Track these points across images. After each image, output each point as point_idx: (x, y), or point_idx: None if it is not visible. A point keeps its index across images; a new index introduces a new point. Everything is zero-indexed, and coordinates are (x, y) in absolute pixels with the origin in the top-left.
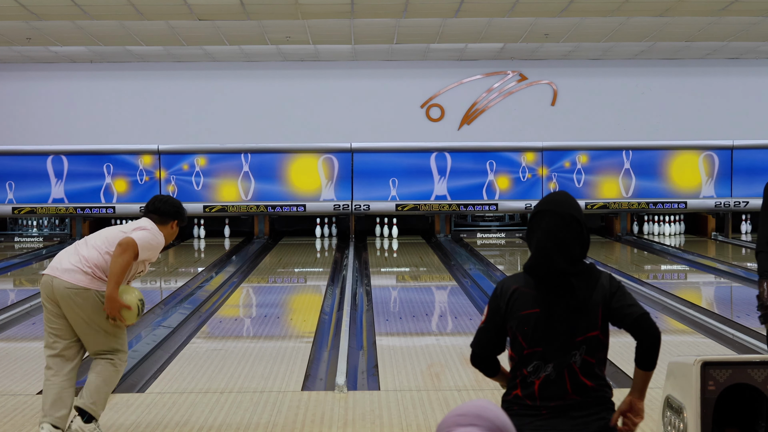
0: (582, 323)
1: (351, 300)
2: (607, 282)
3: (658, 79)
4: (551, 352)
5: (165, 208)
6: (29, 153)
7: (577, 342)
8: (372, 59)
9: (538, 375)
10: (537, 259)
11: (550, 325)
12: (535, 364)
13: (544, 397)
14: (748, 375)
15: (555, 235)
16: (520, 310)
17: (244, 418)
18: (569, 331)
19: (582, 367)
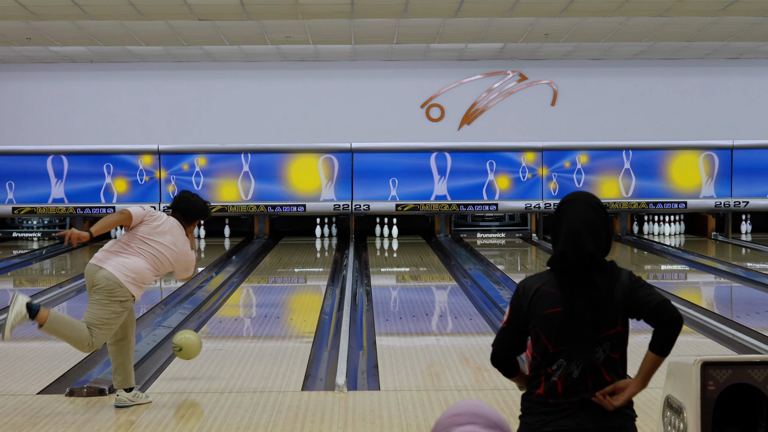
0: (605, 320)
1: (351, 300)
2: (626, 278)
3: (658, 79)
4: (576, 351)
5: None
6: (29, 153)
7: (600, 338)
8: (372, 59)
9: (560, 374)
10: (568, 241)
11: (574, 323)
12: (560, 362)
13: (567, 395)
14: (748, 375)
15: (585, 217)
16: (543, 309)
17: (244, 418)
18: (592, 329)
19: (605, 364)
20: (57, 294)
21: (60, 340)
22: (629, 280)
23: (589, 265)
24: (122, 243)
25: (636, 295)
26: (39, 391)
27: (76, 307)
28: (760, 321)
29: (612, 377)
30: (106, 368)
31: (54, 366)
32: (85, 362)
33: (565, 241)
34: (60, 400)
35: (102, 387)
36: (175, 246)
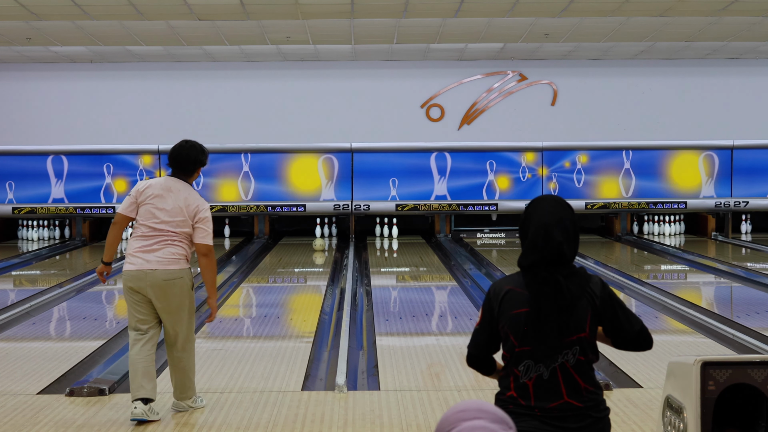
0: (571, 323)
1: (351, 300)
2: (598, 287)
3: (658, 79)
4: (540, 352)
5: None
6: (29, 153)
7: (567, 342)
8: (372, 59)
9: (529, 375)
10: (537, 233)
11: (540, 324)
12: (526, 363)
13: (539, 397)
14: (748, 375)
15: (553, 212)
16: (511, 309)
17: (244, 418)
18: (558, 331)
19: (576, 367)
20: (57, 294)
21: (60, 340)
22: (601, 290)
23: (558, 259)
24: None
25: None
26: (39, 391)
27: (76, 307)
28: (760, 321)
29: (585, 381)
30: (106, 368)
31: (54, 366)
32: (85, 362)
33: (535, 233)
34: (60, 400)
35: (102, 387)
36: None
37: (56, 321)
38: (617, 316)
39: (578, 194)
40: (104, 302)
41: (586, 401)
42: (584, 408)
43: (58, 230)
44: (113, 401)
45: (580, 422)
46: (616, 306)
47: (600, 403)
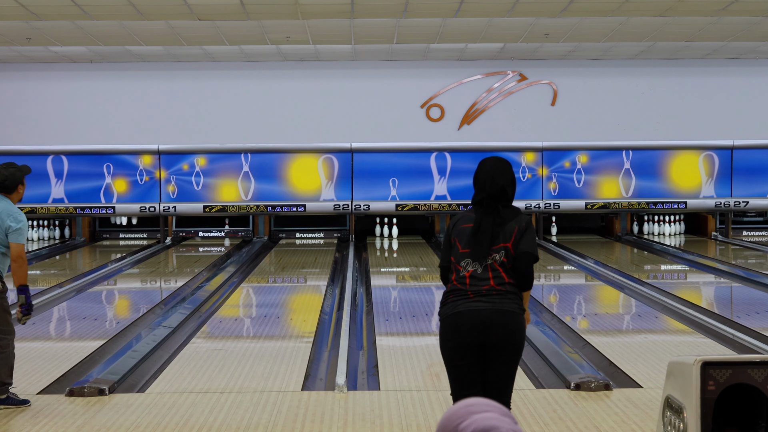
0: (500, 236)
1: (351, 300)
2: (525, 221)
3: (658, 79)
4: (477, 253)
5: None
6: (29, 153)
7: (495, 248)
8: (372, 59)
9: (467, 269)
10: (486, 178)
11: (478, 235)
12: (466, 260)
13: (473, 285)
14: (748, 375)
15: (497, 165)
16: (460, 225)
17: (244, 418)
18: (491, 240)
19: (501, 265)
20: (57, 294)
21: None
22: (525, 223)
23: (500, 196)
24: None
25: (521, 236)
26: (39, 391)
27: (76, 307)
28: (760, 321)
29: (508, 275)
30: (106, 368)
31: (54, 366)
32: (85, 362)
33: (484, 177)
34: (60, 400)
35: (102, 387)
36: None
37: (56, 321)
38: (519, 245)
39: (578, 194)
40: (104, 302)
41: (507, 286)
42: (505, 291)
43: (58, 230)
44: (113, 401)
45: (502, 298)
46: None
47: (516, 297)
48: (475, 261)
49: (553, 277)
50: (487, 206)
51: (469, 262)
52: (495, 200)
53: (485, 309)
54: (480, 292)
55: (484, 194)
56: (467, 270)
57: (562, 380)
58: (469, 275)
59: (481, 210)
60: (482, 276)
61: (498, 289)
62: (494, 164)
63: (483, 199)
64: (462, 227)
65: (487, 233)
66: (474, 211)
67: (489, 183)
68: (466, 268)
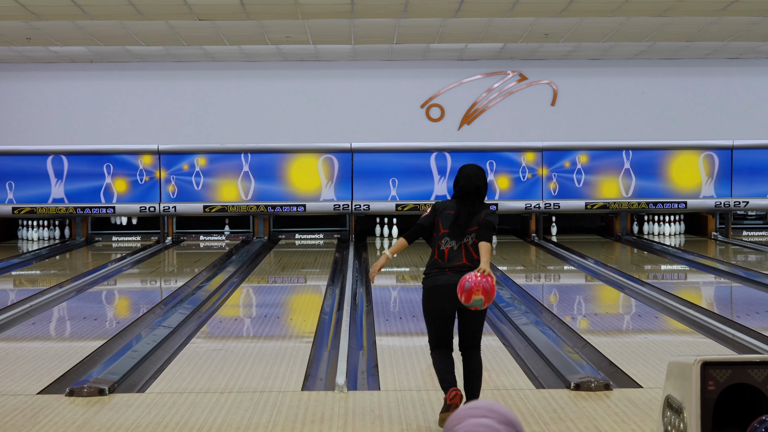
0: (472, 222)
1: (351, 300)
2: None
3: (658, 79)
4: (455, 234)
5: None
6: (29, 153)
7: (469, 231)
8: (372, 59)
9: (446, 246)
10: (464, 180)
11: (457, 220)
12: (446, 239)
13: (450, 260)
14: (748, 375)
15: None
16: (443, 210)
17: (244, 418)
18: (465, 224)
19: (472, 246)
20: (57, 294)
21: (60, 340)
22: (490, 213)
23: (475, 193)
24: None
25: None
26: (39, 391)
27: (76, 307)
28: (760, 321)
29: (476, 253)
30: (106, 368)
31: (54, 366)
32: (85, 362)
33: (463, 179)
34: (60, 400)
35: (102, 387)
36: None
37: (56, 321)
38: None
39: (578, 194)
40: (104, 302)
41: (475, 263)
42: (473, 266)
43: (58, 230)
44: (113, 401)
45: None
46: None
47: None
48: (452, 239)
49: (553, 277)
50: (465, 200)
51: (447, 240)
52: (472, 196)
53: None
54: (454, 268)
55: (464, 191)
56: (446, 246)
57: (562, 380)
58: (447, 251)
59: (460, 202)
60: (457, 253)
61: (468, 265)
62: (472, 169)
63: (462, 195)
64: (446, 212)
65: (464, 220)
66: (455, 202)
67: (467, 183)
68: (445, 244)
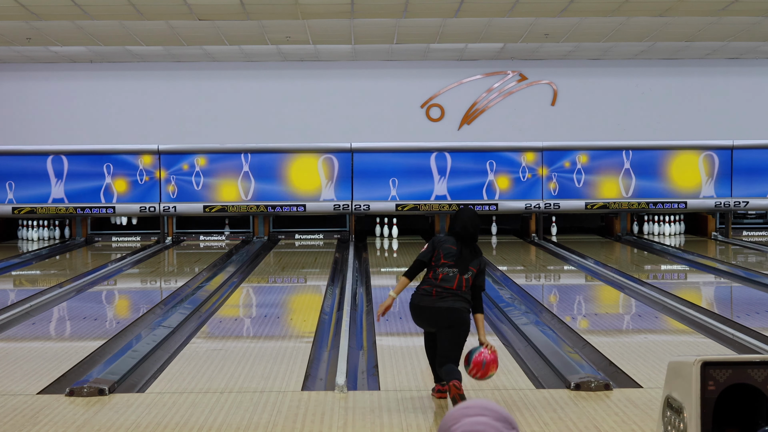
0: (473, 262)
1: (351, 300)
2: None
3: (658, 79)
4: (457, 266)
5: None
6: (29, 153)
7: (468, 268)
8: (372, 59)
9: (444, 271)
10: (461, 227)
11: (461, 255)
12: (445, 267)
13: (442, 281)
14: (748, 375)
15: (471, 219)
16: (444, 244)
17: (244, 418)
18: (468, 260)
19: (468, 280)
20: (57, 294)
21: (60, 340)
22: (485, 264)
23: (471, 238)
24: None
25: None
26: (39, 391)
27: (76, 307)
28: (760, 321)
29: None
30: (106, 368)
31: (54, 366)
32: (85, 362)
33: (459, 226)
34: (60, 400)
35: (102, 387)
36: None
37: (56, 321)
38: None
39: (578, 194)
40: (104, 302)
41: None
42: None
43: (58, 230)
44: (113, 401)
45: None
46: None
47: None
48: (453, 269)
49: (553, 277)
50: (464, 241)
51: (447, 268)
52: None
53: (440, 306)
54: (441, 292)
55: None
56: (443, 272)
57: (562, 380)
58: (442, 275)
59: (460, 241)
60: (451, 279)
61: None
62: (468, 217)
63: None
64: (447, 246)
65: (467, 257)
66: (455, 239)
67: (463, 231)
68: (443, 270)
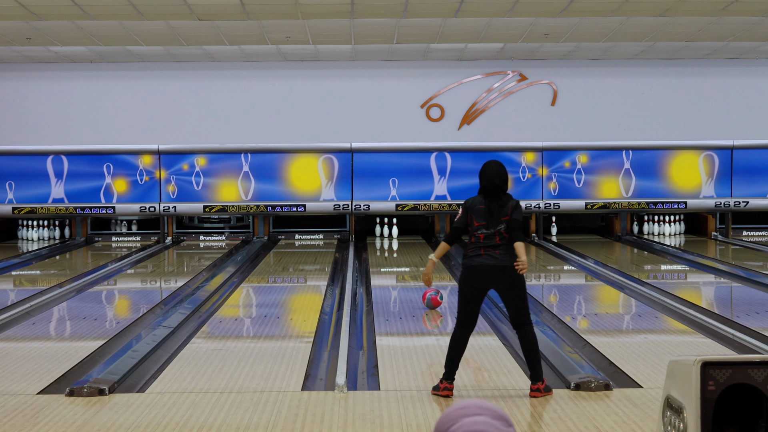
0: (502, 213)
1: (351, 300)
2: (514, 202)
3: (658, 79)
4: (489, 225)
5: None
6: (29, 153)
7: (499, 221)
8: (372, 59)
9: (481, 232)
10: (487, 180)
11: (488, 213)
12: (481, 229)
13: (485, 242)
14: (748, 375)
15: (496, 170)
16: (474, 207)
17: (244, 418)
18: (498, 215)
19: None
20: (57, 294)
21: (60, 340)
22: (516, 204)
23: (497, 190)
24: None
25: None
26: (39, 391)
27: (76, 307)
28: (760, 321)
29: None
30: (106, 368)
31: (54, 366)
32: (85, 362)
33: (485, 180)
34: (60, 400)
35: (102, 387)
36: None
37: (56, 321)
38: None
39: (578, 194)
40: (104, 302)
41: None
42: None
43: (58, 230)
44: (113, 401)
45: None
46: (517, 209)
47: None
48: (487, 229)
49: (553, 277)
50: (491, 195)
51: (483, 230)
52: (495, 192)
53: (494, 264)
54: (488, 251)
55: (487, 190)
56: (481, 233)
57: (562, 380)
58: (482, 236)
59: (488, 196)
60: (491, 237)
61: (500, 244)
62: (494, 168)
63: (487, 189)
64: (477, 208)
65: (496, 211)
66: (483, 197)
67: (490, 184)
68: (480, 232)
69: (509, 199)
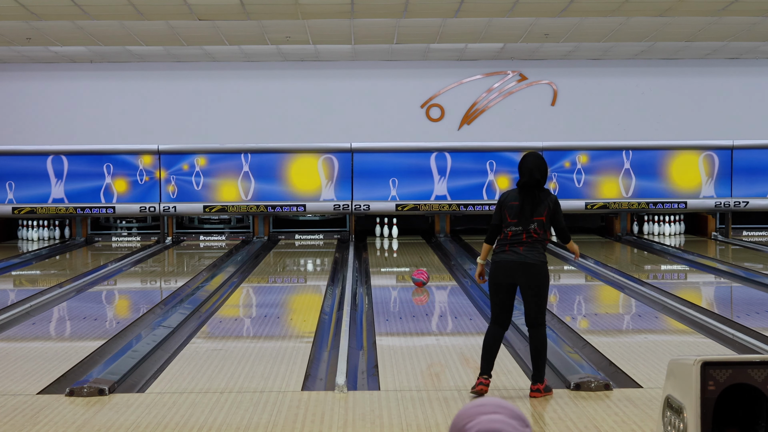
0: (536, 212)
1: (351, 300)
2: (553, 199)
3: (658, 79)
4: (521, 222)
5: None
6: (29, 153)
7: (533, 220)
8: (372, 59)
9: (511, 230)
10: (526, 174)
11: (522, 210)
12: (511, 227)
13: (512, 239)
14: (748, 375)
15: (536, 164)
16: (508, 202)
17: (244, 418)
18: (530, 214)
19: (535, 231)
20: (57, 294)
21: (60, 340)
22: (554, 202)
23: (536, 185)
24: None
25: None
26: (39, 391)
27: (76, 307)
28: (760, 321)
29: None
30: (106, 368)
31: (54, 366)
32: (85, 362)
33: (525, 174)
34: (60, 400)
35: (102, 387)
36: None
37: (56, 321)
38: (556, 217)
39: (578, 194)
40: (104, 302)
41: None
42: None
43: (58, 230)
44: (113, 401)
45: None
46: (557, 212)
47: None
48: (518, 227)
49: (553, 277)
50: (528, 191)
51: (513, 227)
52: (533, 187)
53: (514, 260)
54: (513, 248)
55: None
56: (510, 230)
57: (562, 380)
58: (511, 234)
59: (523, 192)
60: (519, 237)
61: (525, 243)
62: (534, 161)
63: (525, 185)
64: (510, 203)
65: (529, 210)
66: (518, 192)
67: (528, 176)
68: (510, 229)
69: (546, 196)
